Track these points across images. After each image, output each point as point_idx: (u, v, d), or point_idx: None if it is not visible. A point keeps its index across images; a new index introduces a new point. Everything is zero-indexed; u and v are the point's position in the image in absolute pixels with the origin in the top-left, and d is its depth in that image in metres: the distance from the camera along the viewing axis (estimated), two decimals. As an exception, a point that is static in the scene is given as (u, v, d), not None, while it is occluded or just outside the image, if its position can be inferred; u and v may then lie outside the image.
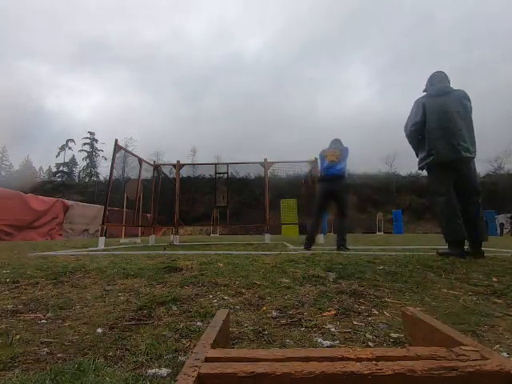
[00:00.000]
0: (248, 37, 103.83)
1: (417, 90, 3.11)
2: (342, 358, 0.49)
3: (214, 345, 0.58)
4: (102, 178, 47.19)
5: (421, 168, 3.09)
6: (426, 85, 3.12)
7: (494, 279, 1.70)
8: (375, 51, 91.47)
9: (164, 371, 0.66)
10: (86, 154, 50.89)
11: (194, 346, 0.58)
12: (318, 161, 4.60)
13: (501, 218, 20.57)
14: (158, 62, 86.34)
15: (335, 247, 3.93)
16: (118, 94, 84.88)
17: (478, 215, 2.81)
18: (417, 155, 3.13)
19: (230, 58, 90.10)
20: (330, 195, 4.10)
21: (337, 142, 4.33)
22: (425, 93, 3.09)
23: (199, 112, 79.24)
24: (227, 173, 7.61)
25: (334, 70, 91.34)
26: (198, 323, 1.00)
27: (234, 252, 3.50)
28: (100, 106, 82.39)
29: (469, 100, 2.92)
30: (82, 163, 51.14)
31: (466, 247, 2.81)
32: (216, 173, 7.49)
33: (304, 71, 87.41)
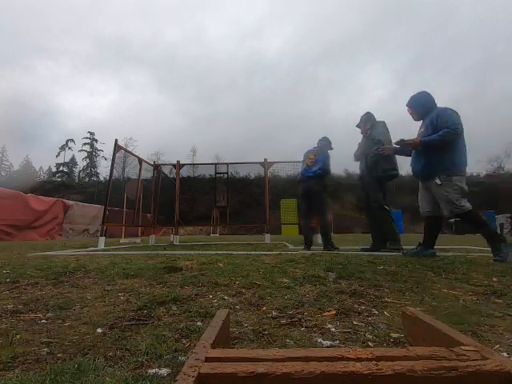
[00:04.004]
0: (264, 38, 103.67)
1: (432, 91, 3.13)
2: (342, 358, 0.49)
3: (214, 345, 0.58)
4: (102, 178, 47.14)
5: (391, 176, 3.62)
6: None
7: (494, 279, 1.70)
8: (387, 54, 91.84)
9: (164, 371, 0.66)
10: (85, 154, 50.84)
11: (194, 346, 0.58)
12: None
13: (501, 218, 20.52)
14: (161, 62, 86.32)
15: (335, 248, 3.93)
16: (119, 95, 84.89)
17: None
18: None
19: (248, 59, 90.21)
20: (309, 195, 4.16)
21: (321, 141, 4.42)
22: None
23: (203, 113, 79.21)
24: (227, 173, 7.61)
25: (346, 72, 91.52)
26: (198, 323, 1.00)
27: (234, 252, 3.50)
28: (101, 106, 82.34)
29: None
30: (82, 163, 51.11)
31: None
32: (216, 173, 7.49)
33: (318, 72, 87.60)
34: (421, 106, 3.06)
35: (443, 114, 2.88)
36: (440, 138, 2.80)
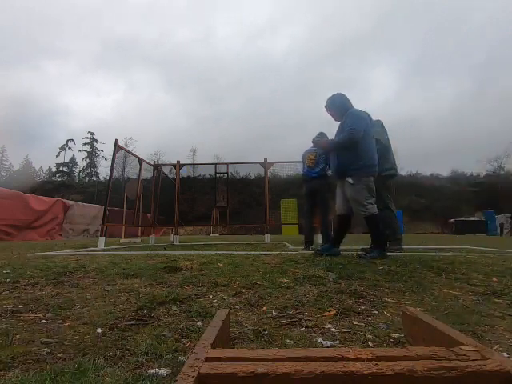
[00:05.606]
0: (267, 38, 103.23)
1: (433, 91, 3.13)
2: (342, 358, 0.49)
3: (214, 345, 0.58)
4: (102, 178, 47.15)
5: (390, 176, 3.50)
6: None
7: (494, 279, 1.70)
8: (388, 54, 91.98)
9: (164, 371, 0.66)
10: (85, 154, 50.84)
11: (194, 346, 0.58)
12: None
13: (501, 218, 20.53)
14: (163, 62, 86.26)
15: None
16: (121, 95, 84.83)
17: None
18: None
19: (250, 60, 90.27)
20: (313, 195, 4.15)
21: (319, 137, 4.33)
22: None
23: (205, 113, 79.07)
24: (227, 173, 7.61)
25: (347, 72, 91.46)
26: (198, 323, 1.00)
27: (234, 252, 3.50)
28: (103, 106, 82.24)
29: None
30: (82, 163, 51.11)
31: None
32: (216, 173, 7.49)
33: (318, 72, 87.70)
34: (336, 107, 3.04)
35: (347, 116, 2.91)
36: (338, 141, 2.89)
